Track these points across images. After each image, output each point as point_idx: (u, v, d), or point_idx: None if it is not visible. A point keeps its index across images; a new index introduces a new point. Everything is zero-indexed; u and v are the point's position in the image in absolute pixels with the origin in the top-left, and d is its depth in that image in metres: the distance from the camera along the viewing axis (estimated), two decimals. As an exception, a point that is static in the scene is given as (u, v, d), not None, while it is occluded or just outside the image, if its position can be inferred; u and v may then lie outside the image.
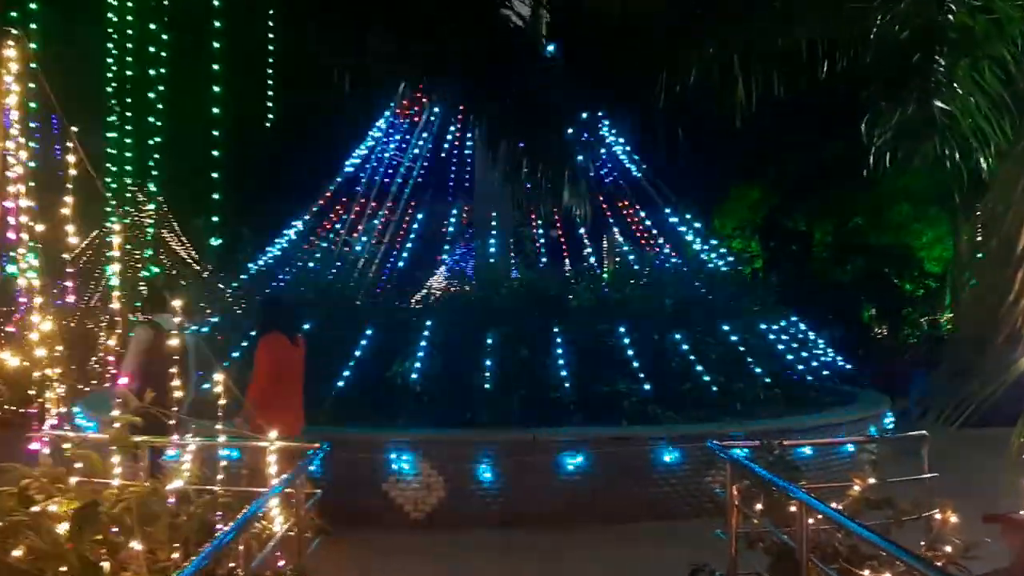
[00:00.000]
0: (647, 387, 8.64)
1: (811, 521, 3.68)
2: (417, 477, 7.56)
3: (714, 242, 13.30)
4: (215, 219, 12.21)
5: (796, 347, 10.92)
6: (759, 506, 4.77)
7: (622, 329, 9.08)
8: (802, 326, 11.47)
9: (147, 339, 6.34)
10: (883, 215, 25.52)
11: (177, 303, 5.16)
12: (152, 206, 18.15)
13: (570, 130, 6.57)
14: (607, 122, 10.81)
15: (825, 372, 11.00)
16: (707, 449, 8.32)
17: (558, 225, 13.12)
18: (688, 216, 12.79)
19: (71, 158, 4.06)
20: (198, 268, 21.17)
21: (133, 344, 6.39)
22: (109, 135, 12.67)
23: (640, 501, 7.77)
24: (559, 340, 8.75)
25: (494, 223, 11.01)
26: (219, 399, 4.73)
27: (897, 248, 25.97)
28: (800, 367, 10.57)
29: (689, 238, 12.55)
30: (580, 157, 6.73)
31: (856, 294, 25.03)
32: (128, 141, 13.31)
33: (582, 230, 12.69)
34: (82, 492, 3.33)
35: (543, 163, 6.29)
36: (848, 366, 11.79)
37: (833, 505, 3.97)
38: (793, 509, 4.05)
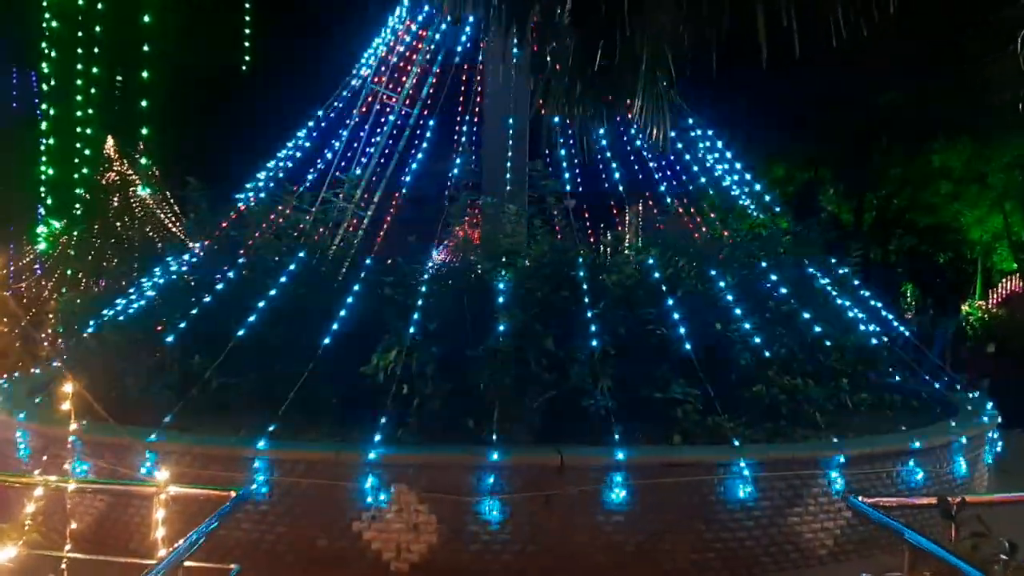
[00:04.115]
0: (709, 391, 6.52)
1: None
2: (400, 514, 5.78)
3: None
4: (145, 161, 9.98)
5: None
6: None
7: (675, 316, 6.94)
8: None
9: None
10: (922, 195, 24.15)
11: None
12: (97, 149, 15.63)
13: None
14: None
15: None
16: (790, 479, 6.36)
17: (579, 181, 10.96)
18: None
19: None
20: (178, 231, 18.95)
21: None
22: (43, 66, 10.51)
23: (704, 550, 5.85)
24: (593, 328, 6.58)
25: (508, 174, 8.85)
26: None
27: (934, 230, 24.51)
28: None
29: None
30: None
31: (901, 277, 23.15)
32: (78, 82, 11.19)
33: (614, 188, 10.48)
34: None
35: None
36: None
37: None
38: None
